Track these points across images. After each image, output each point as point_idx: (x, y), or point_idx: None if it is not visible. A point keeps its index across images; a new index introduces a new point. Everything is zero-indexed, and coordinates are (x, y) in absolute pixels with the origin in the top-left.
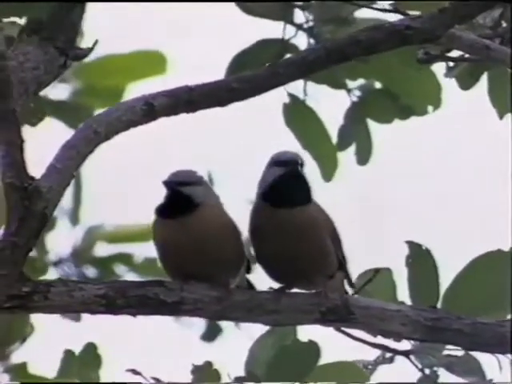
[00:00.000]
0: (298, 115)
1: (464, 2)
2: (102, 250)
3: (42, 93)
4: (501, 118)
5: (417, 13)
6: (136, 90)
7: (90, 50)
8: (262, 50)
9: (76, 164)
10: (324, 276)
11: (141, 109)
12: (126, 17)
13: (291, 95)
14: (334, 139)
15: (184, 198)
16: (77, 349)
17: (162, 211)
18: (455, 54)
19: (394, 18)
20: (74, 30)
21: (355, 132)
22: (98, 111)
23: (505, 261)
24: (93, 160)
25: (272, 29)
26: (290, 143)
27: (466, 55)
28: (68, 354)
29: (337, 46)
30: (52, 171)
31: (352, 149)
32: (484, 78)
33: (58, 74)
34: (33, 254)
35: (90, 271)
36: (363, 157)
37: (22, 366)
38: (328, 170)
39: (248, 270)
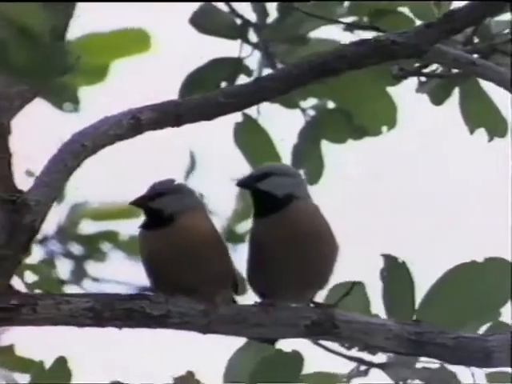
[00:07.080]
0: (249, 134)
1: (450, 18)
2: (87, 227)
3: None
4: (471, 132)
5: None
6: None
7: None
8: (216, 69)
9: (63, 177)
10: (316, 289)
11: (128, 123)
12: None
13: (244, 114)
14: (288, 159)
15: (155, 212)
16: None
17: (144, 224)
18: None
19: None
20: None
21: (308, 152)
22: (83, 90)
23: (479, 272)
24: None
25: (225, 48)
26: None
27: (439, 70)
28: (38, 366)
29: (321, 60)
30: (40, 184)
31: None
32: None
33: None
34: None
35: (75, 248)
36: (313, 177)
37: (9, 349)
38: None
39: (236, 290)
